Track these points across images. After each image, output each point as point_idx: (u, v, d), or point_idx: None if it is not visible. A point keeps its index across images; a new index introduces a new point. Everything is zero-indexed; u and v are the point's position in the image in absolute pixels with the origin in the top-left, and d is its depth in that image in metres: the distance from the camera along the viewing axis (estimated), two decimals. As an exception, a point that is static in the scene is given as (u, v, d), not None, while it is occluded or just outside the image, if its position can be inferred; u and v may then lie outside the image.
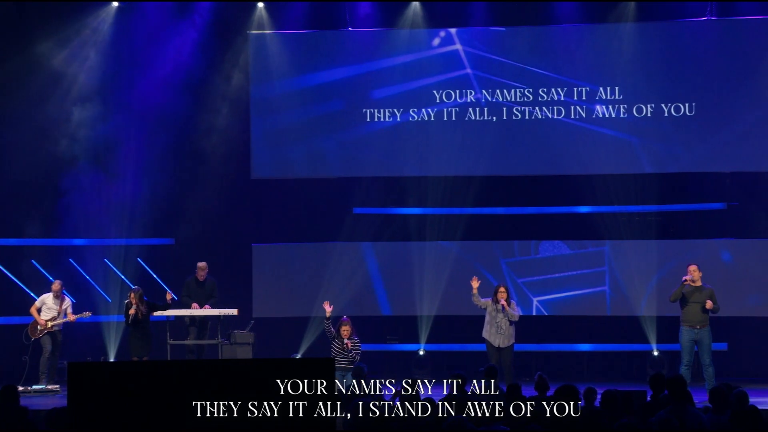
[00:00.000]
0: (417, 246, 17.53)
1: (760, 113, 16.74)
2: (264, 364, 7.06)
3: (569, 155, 17.19)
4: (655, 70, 17.01)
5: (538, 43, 17.39)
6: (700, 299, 14.22)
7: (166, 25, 17.53)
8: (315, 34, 17.74)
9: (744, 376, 16.04)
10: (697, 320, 14.24)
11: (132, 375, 6.69)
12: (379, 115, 17.56)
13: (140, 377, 6.66)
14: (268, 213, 17.85)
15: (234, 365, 7.13)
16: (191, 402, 6.56)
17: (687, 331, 14.28)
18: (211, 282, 16.10)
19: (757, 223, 16.81)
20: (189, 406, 6.56)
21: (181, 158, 17.58)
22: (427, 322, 17.33)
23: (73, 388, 6.61)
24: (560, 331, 17.35)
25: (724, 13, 16.91)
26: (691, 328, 14.25)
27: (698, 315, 14.24)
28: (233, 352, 15.59)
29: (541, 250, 17.48)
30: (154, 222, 17.48)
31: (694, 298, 14.27)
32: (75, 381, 6.60)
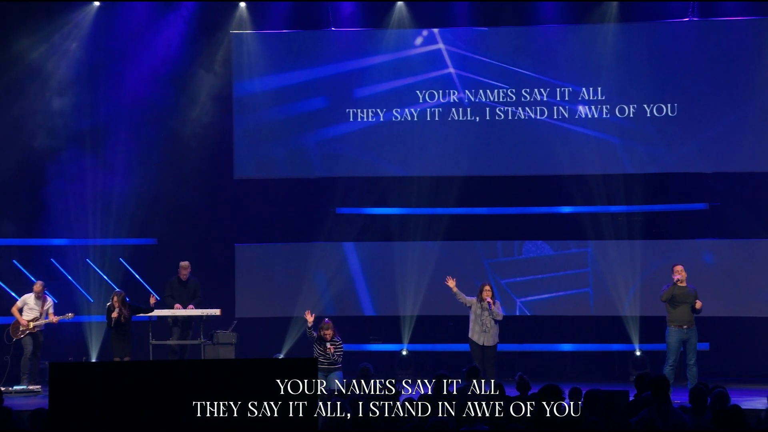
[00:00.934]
0: (400, 246, 17.53)
1: (741, 114, 16.80)
2: (247, 364, 7.04)
3: (552, 155, 17.21)
4: (637, 71, 17.05)
5: (521, 43, 17.41)
6: (688, 299, 14.27)
7: (148, 23, 17.48)
8: (298, 34, 17.71)
9: (726, 375, 16.09)
10: (686, 320, 14.27)
11: (114, 375, 6.66)
12: (362, 115, 17.55)
13: (122, 378, 6.64)
14: (251, 213, 17.83)
15: (216, 365, 7.10)
16: (173, 402, 6.54)
17: (675, 332, 14.29)
18: (194, 282, 16.08)
19: (738, 224, 16.86)
20: (171, 407, 6.54)
21: (163, 157, 17.52)
22: (409, 322, 17.34)
23: (55, 388, 6.58)
24: (543, 331, 17.38)
25: (706, 14, 16.96)
26: (680, 328, 14.27)
27: (687, 315, 14.28)
28: (216, 353, 15.57)
29: (524, 250, 17.50)
30: (137, 222, 17.42)
31: (682, 299, 14.31)
32: (56, 381, 6.58)
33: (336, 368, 14.36)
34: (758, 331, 16.85)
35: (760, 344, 16.81)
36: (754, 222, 16.77)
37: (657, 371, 14.78)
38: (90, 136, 17.29)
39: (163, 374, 6.69)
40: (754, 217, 16.78)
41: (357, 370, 12.03)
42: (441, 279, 15.42)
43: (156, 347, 15.63)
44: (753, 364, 16.77)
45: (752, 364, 16.78)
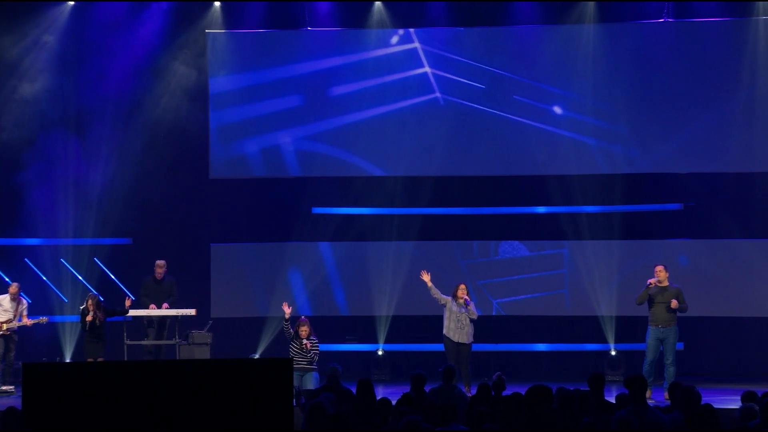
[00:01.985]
0: (376, 246, 17.52)
1: (716, 115, 16.88)
2: (222, 364, 7.03)
3: (527, 156, 17.25)
4: (612, 72, 17.10)
5: (497, 43, 17.43)
6: (665, 299, 14.42)
7: (122, 21, 17.40)
8: (273, 34, 17.67)
9: (700, 375, 16.17)
10: (662, 320, 14.45)
11: (88, 376, 6.64)
12: (337, 114, 17.52)
13: (97, 378, 6.61)
14: (226, 212, 17.77)
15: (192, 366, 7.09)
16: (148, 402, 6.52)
17: (653, 330, 14.50)
18: (170, 281, 16.03)
19: (713, 224, 16.95)
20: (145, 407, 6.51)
21: (139, 157, 17.43)
22: (385, 322, 17.33)
23: (28, 388, 6.55)
24: (518, 331, 17.40)
25: (681, 15, 17.03)
26: (657, 327, 14.46)
27: (664, 315, 14.45)
28: (191, 353, 15.52)
29: (500, 251, 17.53)
30: (112, 221, 17.34)
31: (659, 299, 14.49)
32: (30, 382, 6.54)
33: (312, 369, 14.34)
34: (732, 331, 16.94)
35: (734, 344, 16.90)
36: (728, 222, 16.85)
37: (632, 371, 14.86)
38: (67, 137, 17.19)
39: (138, 374, 6.67)
40: (729, 217, 16.86)
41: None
42: (417, 279, 15.44)
43: (131, 347, 15.56)
44: (727, 364, 16.86)
45: (726, 364, 16.86)
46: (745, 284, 16.78)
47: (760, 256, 16.83)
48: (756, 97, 16.80)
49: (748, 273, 16.81)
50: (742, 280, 16.79)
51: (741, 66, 16.81)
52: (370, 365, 17.20)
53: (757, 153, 16.84)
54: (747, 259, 16.87)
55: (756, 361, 16.60)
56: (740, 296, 16.80)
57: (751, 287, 16.76)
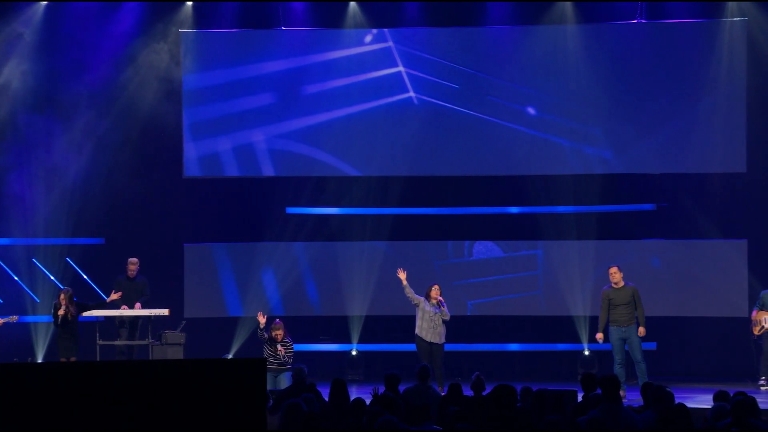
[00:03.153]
0: (350, 246, 17.51)
1: (689, 116, 16.95)
2: (195, 364, 7.01)
3: (501, 156, 17.28)
4: (586, 73, 17.14)
5: (471, 43, 17.45)
6: (623, 299, 14.63)
7: (96, 21, 17.31)
8: (247, 33, 17.63)
9: (672, 375, 16.25)
10: (623, 320, 14.66)
11: (60, 376, 6.60)
12: (311, 113, 17.48)
13: (69, 379, 6.57)
14: (200, 212, 17.71)
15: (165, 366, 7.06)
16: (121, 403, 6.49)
17: (615, 331, 14.69)
18: (142, 280, 15.97)
19: (686, 224, 17.03)
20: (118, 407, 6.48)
21: (112, 156, 17.34)
22: (359, 323, 17.33)
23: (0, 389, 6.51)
24: (492, 331, 17.43)
25: (654, 17, 17.09)
26: (618, 327, 14.67)
27: (623, 315, 14.66)
28: (164, 353, 15.47)
29: (474, 252, 17.55)
30: (84, 221, 17.26)
31: (617, 300, 14.69)
32: (1, 382, 6.50)
33: (286, 369, 14.33)
34: (704, 330, 17.02)
35: (706, 344, 16.98)
36: (701, 222, 16.95)
37: (605, 371, 14.93)
38: (37, 137, 17.09)
39: (111, 375, 6.64)
40: (702, 217, 16.95)
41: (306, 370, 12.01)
42: (390, 279, 15.43)
43: (103, 348, 15.48)
44: (699, 364, 16.94)
45: (698, 364, 16.95)
46: (717, 284, 16.86)
47: (732, 256, 16.92)
48: (729, 97, 16.88)
49: (721, 273, 16.90)
50: (715, 280, 16.88)
51: (714, 67, 16.90)
52: (344, 365, 17.19)
53: (730, 153, 16.93)
54: (720, 259, 16.96)
55: (728, 361, 16.68)
56: (713, 296, 16.88)
57: (724, 287, 16.84)
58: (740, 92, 16.86)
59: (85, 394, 6.49)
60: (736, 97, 16.87)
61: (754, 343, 15.76)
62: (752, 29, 16.89)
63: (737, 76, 16.86)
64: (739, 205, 17.09)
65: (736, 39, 16.88)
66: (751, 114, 16.86)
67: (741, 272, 16.85)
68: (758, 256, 16.82)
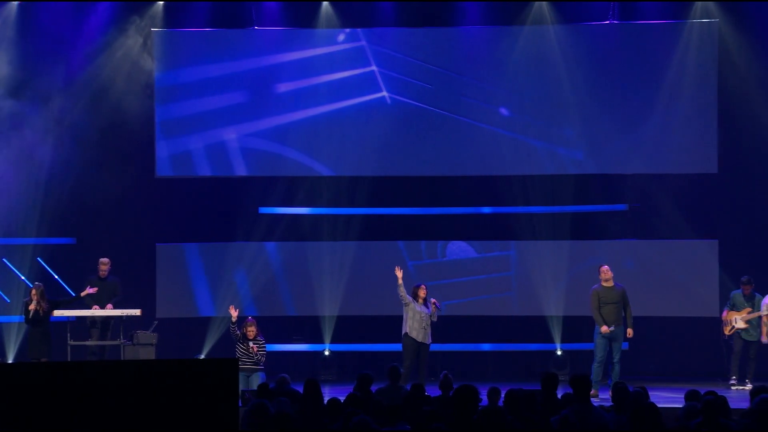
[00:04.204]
0: (323, 246, 17.49)
1: (660, 116, 17.03)
2: (167, 364, 6.98)
3: (474, 156, 17.31)
4: (558, 74, 17.17)
5: (444, 44, 17.47)
6: (613, 299, 14.76)
7: (70, 15, 17.22)
8: (220, 32, 17.58)
9: (644, 374, 16.32)
10: (610, 319, 14.79)
11: (31, 377, 6.56)
12: (283, 112, 17.45)
13: (40, 379, 6.54)
14: (172, 212, 17.65)
15: (136, 366, 7.03)
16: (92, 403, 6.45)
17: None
18: (114, 281, 15.89)
19: (658, 224, 17.12)
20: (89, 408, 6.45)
21: (84, 155, 17.24)
22: (331, 322, 17.31)
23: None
24: (465, 331, 17.45)
25: (626, 17, 17.16)
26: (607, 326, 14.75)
27: (612, 315, 14.80)
28: (136, 353, 15.40)
29: (448, 253, 17.56)
30: (56, 220, 17.17)
31: (607, 299, 14.80)
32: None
33: (259, 369, 14.30)
34: (676, 330, 17.10)
35: (678, 344, 17.07)
36: (673, 223, 17.03)
37: (577, 370, 14.97)
38: (8, 135, 16.99)
39: (82, 375, 6.61)
40: (674, 217, 17.03)
41: (279, 370, 11.99)
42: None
43: (74, 348, 15.40)
44: (671, 363, 17.03)
45: (670, 363, 17.03)
46: (689, 284, 16.95)
47: (704, 256, 17.02)
48: (700, 98, 16.97)
49: (693, 273, 16.98)
50: (687, 279, 16.96)
51: (686, 68, 16.97)
52: (317, 365, 17.18)
53: (701, 154, 17.02)
54: (691, 259, 17.06)
55: (700, 361, 16.78)
56: (684, 296, 16.96)
57: (696, 287, 16.93)
58: (711, 93, 16.96)
59: (55, 395, 6.45)
60: (707, 98, 16.97)
61: (724, 343, 15.86)
62: (723, 31, 16.98)
63: (708, 77, 16.96)
64: (710, 205, 17.19)
65: (707, 40, 16.97)
66: (723, 115, 16.97)
67: (712, 272, 16.95)
68: (729, 256, 16.92)
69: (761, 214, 17.01)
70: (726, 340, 15.75)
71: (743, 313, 15.42)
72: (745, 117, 16.98)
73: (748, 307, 15.42)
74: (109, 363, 9.98)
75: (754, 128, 16.97)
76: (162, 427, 6.49)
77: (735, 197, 17.07)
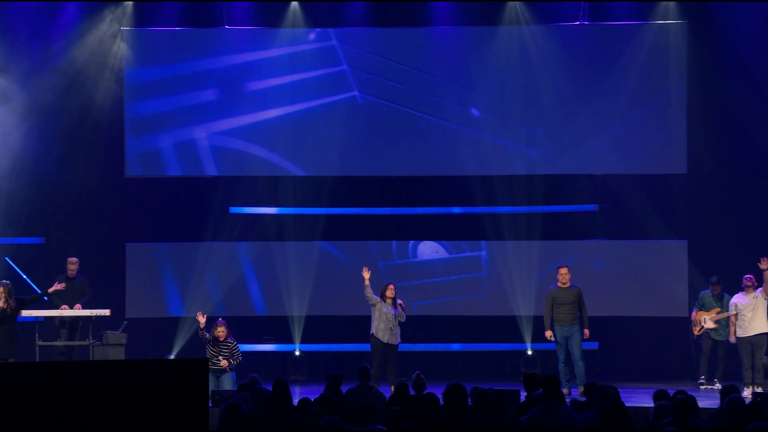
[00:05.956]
0: (293, 246, 17.46)
1: (631, 117, 17.10)
2: (137, 365, 6.95)
3: (445, 157, 17.32)
4: (529, 74, 17.22)
5: (415, 44, 17.47)
6: (568, 299, 14.94)
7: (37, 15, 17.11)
8: (190, 32, 17.51)
9: (614, 374, 16.38)
10: (566, 319, 14.99)
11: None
12: (253, 111, 17.40)
13: (7, 380, 6.49)
14: (142, 212, 17.57)
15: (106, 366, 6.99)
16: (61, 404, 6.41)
17: (559, 330, 15.03)
18: (82, 281, 15.80)
19: (628, 224, 17.19)
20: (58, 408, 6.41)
21: (53, 154, 17.14)
22: (299, 322, 17.27)
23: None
24: (436, 330, 17.46)
25: (596, 18, 17.22)
26: (562, 326, 14.99)
27: (567, 315, 15.00)
28: (105, 354, 15.32)
29: (419, 253, 17.57)
30: (24, 220, 17.05)
31: (563, 299, 15.00)
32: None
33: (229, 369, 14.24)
34: (645, 330, 17.18)
35: (648, 343, 17.14)
36: (643, 223, 17.11)
37: (547, 370, 15.04)
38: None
39: (51, 376, 6.56)
40: (643, 218, 17.11)
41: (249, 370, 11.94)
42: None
43: (43, 348, 15.30)
44: (640, 363, 17.10)
45: (640, 363, 17.10)
46: (659, 284, 17.03)
47: (673, 257, 17.10)
48: (670, 99, 17.06)
49: (663, 273, 17.06)
50: (657, 280, 17.04)
51: (655, 69, 17.07)
52: (287, 365, 17.15)
53: (671, 155, 17.10)
54: (661, 259, 17.14)
55: (669, 360, 16.86)
56: (654, 296, 17.04)
57: (665, 287, 17.01)
58: (681, 94, 17.05)
59: (23, 396, 6.41)
60: (676, 99, 17.06)
61: (694, 343, 15.94)
62: (691, 32, 17.07)
63: (678, 78, 17.05)
64: (679, 205, 17.28)
65: (676, 42, 17.06)
66: (691, 116, 17.06)
67: (682, 272, 17.04)
68: (698, 257, 17.01)
69: (730, 214, 17.11)
70: (695, 340, 15.84)
71: (712, 313, 15.50)
72: (713, 118, 17.09)
73: (717, 308, 15.50)
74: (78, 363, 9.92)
75: (723, 129, 17.08)
76: (132, 428, 6.46)
77: (704, 198, 17.17)
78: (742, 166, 17.09)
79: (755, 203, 17.08)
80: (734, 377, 14.99)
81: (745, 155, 17.05)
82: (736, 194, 17.12)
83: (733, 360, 15.55)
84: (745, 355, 15.00)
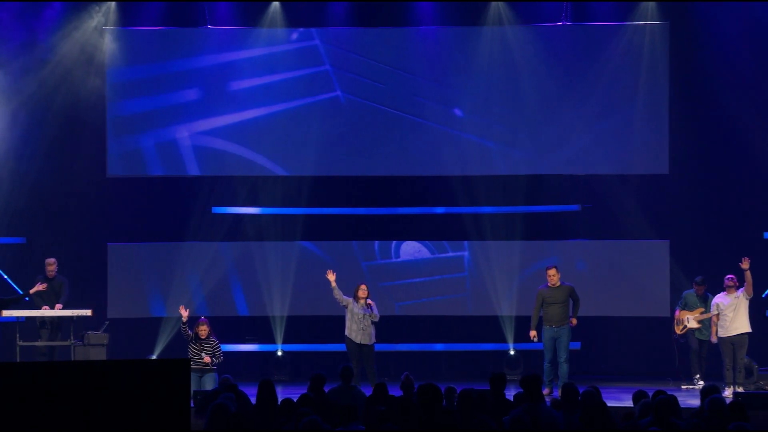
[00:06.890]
0: (276, 246, 17.45)
1: (614, 118, 17.14)
2: (118, 365, 6.93)
3: (428, 156, 17.33)
4: (512, 74, 17.24)
5: (398, 44, 17.48)
6: (558, 299, 14.92)
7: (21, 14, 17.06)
8: (173, 31, 17.48)
9: (597, 374, 16.43)
10: (555, 319, 14.96)
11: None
12: (236, 110, 17.38)
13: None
14: (124, 211, 17.52)
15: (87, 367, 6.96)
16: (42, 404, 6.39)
17: (547, 330, 15.00)
18: (60, 281, 15.74)
19: (610, 225, 17.24)
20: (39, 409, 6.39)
21: (34, 153, 17.08)
22: (283, 323, 17.26)
23: None
24: (419, 331, 17.47)
25: (579, 19, 17.26)
26: (550, 326, 14.96)
27: (557, 315, 14.96)
28: (86, 354, 15.28)
29: (401, 253, 17.57)
30: (5, 220, 16.99)
31: (553, 299, 14.99)
32: None
33: (210, 370, 14.22)
34: (627, 330, 17.23)
35: (629, 343, 17.20)
36: (624, 223, 17.15)
37: (530, 370, 15.04)
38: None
39: (32, 376, 6.54)
40: (625, 218, 17.16)
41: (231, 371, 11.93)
42: (317, 279, 15.39)
43: (24, 349, 15.25)
44: (622, 363, 17.15)
45: (621, 363, 17.15)
46: (641, 284, 17.08)
47: (655, 257, 17.15)
48: (652, 100, 17.10)
49: (645, 273, 17.12)
50: (639, 280, 17.09)
51: (637, 69, 17.10)
52: (270, 366, 17.13)
53: (653, 155, 17.15)
54: (643, 259, 17.18)
55: (651, 360, 16.91)
56: (636, 296, 17.09)
57: (647, 287, 17.06)
58: (663, 95, 17.10)
59: (4, 396, 6.38)
60: (658, 99, 17.11)
61: (676, 342, 15.98)
62: (673, 33, 17.13)
63: (660, 78, 17.09)
64: (661, 206, 17.34)
65: (658, 42, 17.11)
66: (673, 116, 17.12)
67: (664, 272, 17.09)
68: (680, 257, 17.07)
69: (712, 214, 17.17)
70: (677, 339, 15.88)
71: (696, 313, 15.54)
72: (695, 118, 17.15)
73: (701, 308, 15.54)
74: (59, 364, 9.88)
75: (705, 129, 17.14)
76: (113, 429, 6.44)
77: (686, 198, 17.23)
78: (723, 166, 17.15)
79: (737, 203, 17.14)
80: (716, 377, 15.03)
81: (726, 156, 17.11)
82: (717, 194, 17.18)
83: (715, 360, 15.59)
84: (726, 355, 15.03)
